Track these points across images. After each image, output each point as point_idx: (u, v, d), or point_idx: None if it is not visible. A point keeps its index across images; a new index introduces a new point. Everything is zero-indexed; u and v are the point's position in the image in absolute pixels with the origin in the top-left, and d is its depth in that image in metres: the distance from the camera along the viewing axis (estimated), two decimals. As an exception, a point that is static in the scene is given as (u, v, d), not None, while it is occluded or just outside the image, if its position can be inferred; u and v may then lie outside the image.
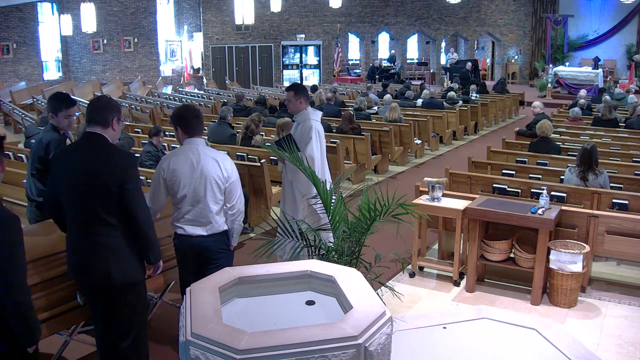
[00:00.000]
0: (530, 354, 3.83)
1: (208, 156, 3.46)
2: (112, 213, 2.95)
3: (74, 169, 2.96)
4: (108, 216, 2.94)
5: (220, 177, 3.45)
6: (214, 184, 3.43)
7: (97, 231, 2.94)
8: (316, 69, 23.26)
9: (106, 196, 2.91)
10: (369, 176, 9.19)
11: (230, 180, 3.50)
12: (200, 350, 2.23)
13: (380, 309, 2.42)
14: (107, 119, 3.01)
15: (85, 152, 2.99)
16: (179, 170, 3.41)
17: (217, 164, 3.46)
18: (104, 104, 3.07)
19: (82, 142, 3.08)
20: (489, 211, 4.73)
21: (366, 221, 3.50)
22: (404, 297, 4.45)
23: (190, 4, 22.11)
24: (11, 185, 6.23)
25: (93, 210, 2.92)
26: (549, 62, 21.41)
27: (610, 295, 4.83)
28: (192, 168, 3.41)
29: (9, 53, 18.52)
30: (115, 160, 2.97)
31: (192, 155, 3.44)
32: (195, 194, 3.42)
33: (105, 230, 2.95)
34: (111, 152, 3.01)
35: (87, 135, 3.02)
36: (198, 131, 3.52)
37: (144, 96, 15.80)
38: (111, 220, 2.95)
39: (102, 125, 3.00)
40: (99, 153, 2.97)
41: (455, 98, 13.09)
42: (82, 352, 3.84)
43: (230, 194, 3.51)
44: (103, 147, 3.00)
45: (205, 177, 3.42)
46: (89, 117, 3.03)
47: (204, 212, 3.44)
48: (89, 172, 2.92)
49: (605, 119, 9.76)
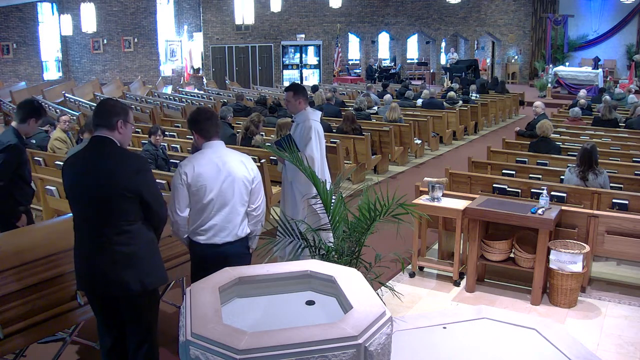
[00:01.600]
0: (530, 354, 3.83)
1: (232, 157, 3.36)
2: (130, 219, 2.89)
3: (86, 176, 2.87)
4: (125, 223, 2.87)
5: (247, 178, 3.36)
6: (242, 185, 3.33)
7: (115, 241, 2.86)
8: (316, 69, 23.27)
9: (123, 201, 2.85)
10: (369, 176, 9.19)
11: (257, 181, 3.42)
12: (200, 350, 2.23)
13: (380, 309, 2.42)
14: (112, 122, 2.92)
15: (95, 157, 2.90)
16: (205, 174, 3.26)
17: (243, 165, 3.37)
18: (108, 107, 2.99)
19: (91, 147, 2.96)
20: (489, 211, 4.73)
21: (366, 221, 3.50)
22: (404, 297, 4.45)
23: (190, 4, 22.11)
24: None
25: (109, 219, 2.85)
26: (549, 62, 21.42)
27: (610, 295, 4.83)
28: (218, 171, 3.28)
29: (9, 53, 18.52)
30: (128, 163, 2.91)
31: (216, 158, 3.31)
32: (223, 197, 3.29)
33: (124, 239, 2.87)
34: (123, 155, 2.94)
35: (95, 140, 2.94)
36: (214, 134, 3.39)
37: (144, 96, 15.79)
38: (128, 227, 2.88)
39: (108, 128, 2.93)
40: (110, 157, 2.90)
41: (455, 98, 13.09)
42: (82, 352, 3.84)
43: (255, 195, 3.42)
44: (113, 151, 2.92)
45: (234, 178, 3.30)
46: (95, 121, 2.97)
47: (230, 216, 3.32)
48: (102, 177, 2.84)
49: (605, 119, 9.76)
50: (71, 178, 2.95)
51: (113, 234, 2.86)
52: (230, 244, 3.35)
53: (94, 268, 2.89)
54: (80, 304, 3.31)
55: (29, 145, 4.58)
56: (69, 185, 2.98)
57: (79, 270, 2.97)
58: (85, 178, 2.87)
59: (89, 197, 2.86)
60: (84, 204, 2.90)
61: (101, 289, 2.94)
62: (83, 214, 2.92)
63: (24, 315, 3.07)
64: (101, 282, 2.90)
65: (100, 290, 2.95)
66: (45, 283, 3.16)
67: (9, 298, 3.00)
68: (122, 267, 2.88)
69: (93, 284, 2.94)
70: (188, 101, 14.37)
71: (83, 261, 2.94)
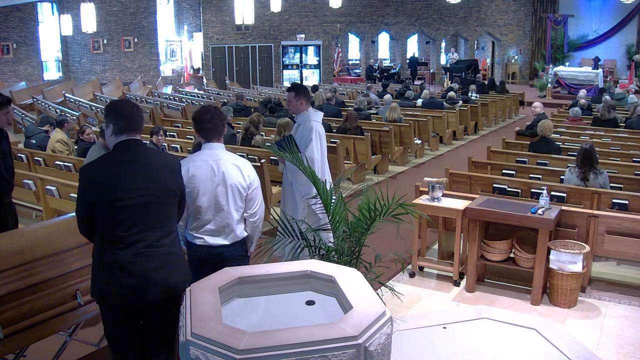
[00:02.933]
0: (530, 354, 3.83)
1: (229, 162, 3.28)
2: (174, 220, 2.88)
3: (130, 180, 2.71)
4: (171, 224, 2.85)
5: (242, 184, 3.27)
6: (235, 191, 3.26)
7: (162, 243, 2.77)
8: (316, 69, 23.27)
9: (171, 201, 2.83)
10: (369, 176, 9.19)
11: (252, 187, 3.33)
12: (200, 350, 2.23)
13: (380, 309, 2.42)
14: (141, 126, 2.88)
15: (137, 160, 2.77)
16: (198, 177, 3.21)
17: (239, 170, 3.28)
18: (137, 111, 2.88)
19: (125, 151, 2.80)
20: (489, 211, 4.73)
21: (366, 221, 3.50)
22: (404, 297, 4.45)
23: (190, 4, 22.12)
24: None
25: (159, 221, 2.77)
26: (549, 62, 21.41)
27: (610, 295, 4.83)
28: (212, 175, 3.22)
29: (9, 53, 18.54)
30: (170, 162, 2.88)
31: (212, 161, 3.24)
32: (217, 202, 3.24)
33: (168, 240, 2.81)
34: (163, 156, 2.93)
35: (129, 143, 2.80)
36: (214, 135, 3.31)
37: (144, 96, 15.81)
38: (172, 227, 2.86)
39: (138, 131, 2.85)
40: (154, 158, 2.84)
41: (455, 98, 13.09)
42: (82, 352, 3.84)
43: (251, 201, 3.35)
44: (152, 152, 2.90)
45: (227, 184, 3.24)
46: (132, 125, 2.81)
47: (226, 221, 3.28)
48: (151, 180, 2.75)
49: (605, 119, 9.77)
50: (106, 183, 2.72)
51: (160, 236, 2.77)
52: (226, 247, 3.31)
53: (138, 275, 2.71)
54: (80, 304, 3.30)
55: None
56: (101, 191, 2.72)
57: (112, 283, 2.72)
58: (128, 182, 2.71)
59: (134, 201, 2.70)
60: (127, 208, 2.70)
61: (146, 295, 2.75)
62: (123, 219, 2.71)
63: (24, 315, 3.06)
64: (148, 288, 2.73)
65: (146, 297, 2.75)
66: (45, 283, 3.15)
67: (9, 298, 2.99)
68: (170, 269, 2.80)
69: (133, 293, 2.73)
70: (188, 101, 14.37)
71: (121, 271, 2.71)
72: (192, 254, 3.36)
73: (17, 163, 7.14)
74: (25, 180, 6.41)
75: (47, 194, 6.27)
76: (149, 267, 2.73)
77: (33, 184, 6.37)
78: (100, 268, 2.77)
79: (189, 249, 3.37)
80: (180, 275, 2.86)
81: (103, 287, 2.76)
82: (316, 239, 3.60)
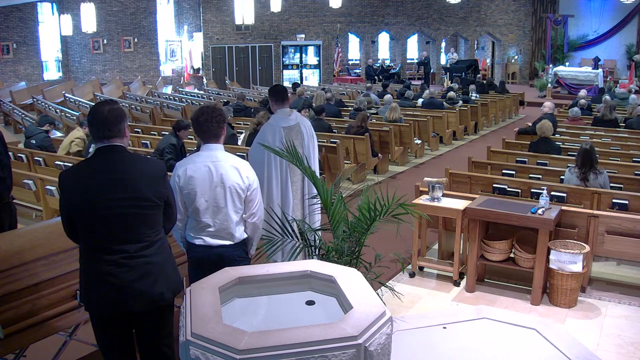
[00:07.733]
0: (530, 354, 3.83)
1: (228, 163, 3.23)
2: (157, 228, 2.79)
3: (108, 190, 2.64)
4: (154, 233, 2.76)
5: (240, 186, 3.23)
6: (234, 193, 3.23)
7: (144, 253, 2.71)
8: (316, 69, 23.27)
9: (153, 209, 2.74)
10: (369, 176, 9.19)
11: (252, 189, 3.29)
12: (200, 350, 2.23)
13: (380, 309, 2.42)
14: (122, 129, 2.73)
15: (114, 168, 2.68)
16: (196, 179, 3.18)
17: (238, 172, 3.23)
18: (116, 113, 2.72)
19: (103, 157, 2.71)
20: (489, 211, 4.74)
21: (366, 221, 3.50)
22: (404, 297, 4.45)
23: (190, 4, 22.11)
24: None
25: (139, 231, 2.69)
26: (549, 62, 21.40)
27: (610, 295, 4.83)
28: (209, 177, 3.19)
29: (9, 53, 18.53)
30: (153, 168, 2.79)
31: (210, 162, 3.21)
32: (215, 203, 3.21)
33: (152, 250, 2.74)
34: (144, 161, 2.82)
35: (107, 149, 2.70)
36: (213, 136, 3.27)
37: (144, 96, 15.81)
38: (156, 237, 2.77)
39: (119, 136, 2.73)
40: (132, 164, 2.73)
41: (455, 98, 13.09)
42: (82, 352, 3.84)
43: (250, 203, 3.31)
44: (132, 158, 2.76)
45: (226, 186, 3.20)
46: (105, 132, 2.69)
47: (226, 224, 3.25)
48: (129, 188, 2.66)
49: (606, 119, 9.76)
50: (82, 194, 2.66)
51: (140, 247, 2.71)
52: (225, 248, 3.29)
53: (117, 287, 2.67)
54: (80, 304, 3.30)
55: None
56: (78, 201, 2.67)
57: (93, 292, 2.71)
58: (107, 192, 2.64)
59: (112, 212, 2.64)
60: (105, 220, 2.64)
61: (127, 307, 2.71)
62: (101, 230, 2.66)
63: (24, 315, 3.07)
64: (129, 300, 2.70)
65: (127, 308, 2.72)
66: (45, 283, 3.15)
67: (9, 298, 2.99)
68: (154, 279, 2.74)
69: (112, 305, 2.70)
70: (188, 101, 14.38)
71: (100, 281, 2.68)
72: (192, 254, 3.35)
73: (17, 163, 7.15)
74: (25, 180, 6.41)
75: (47, 194, 6.27)
76: (128, 278, 2.69)
77: (33, 184, 6.36)
78: (83, 275, 2.77)
79: (189, 249, 3.36)
80: (166, 284, 2.80)
81: (84, 294, 2.77)
82: (316, 239, 3.60)
